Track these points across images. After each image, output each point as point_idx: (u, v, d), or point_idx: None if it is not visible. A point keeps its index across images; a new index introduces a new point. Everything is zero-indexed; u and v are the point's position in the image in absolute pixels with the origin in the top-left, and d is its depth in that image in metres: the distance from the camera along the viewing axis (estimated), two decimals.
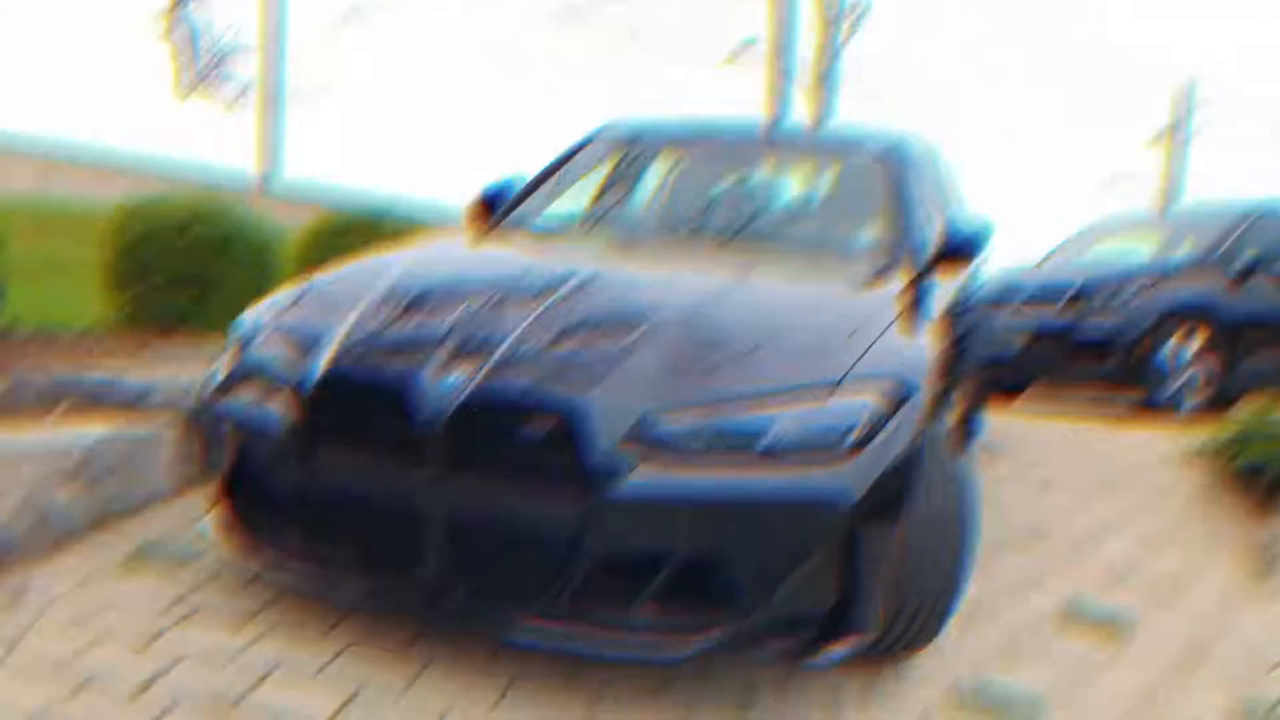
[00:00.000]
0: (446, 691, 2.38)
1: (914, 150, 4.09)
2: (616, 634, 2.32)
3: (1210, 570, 4.04)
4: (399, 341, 2.53)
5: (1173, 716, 2.75)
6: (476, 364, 2.38)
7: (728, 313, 2.62)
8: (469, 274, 2.93)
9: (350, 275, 3.02)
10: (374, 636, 2.62)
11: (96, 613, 2.58)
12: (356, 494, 2.44)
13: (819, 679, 2.68)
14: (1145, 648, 3.22)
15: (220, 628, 2.58)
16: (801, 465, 2.29)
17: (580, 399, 2.29)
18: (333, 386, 2.47)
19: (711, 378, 2.38)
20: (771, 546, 2.27)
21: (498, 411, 2.32)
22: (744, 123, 4.29)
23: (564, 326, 2.52)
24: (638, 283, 2.91)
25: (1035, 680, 2.86)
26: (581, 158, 4.20)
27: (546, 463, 2.29)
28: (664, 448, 2.27)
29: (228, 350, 2.85)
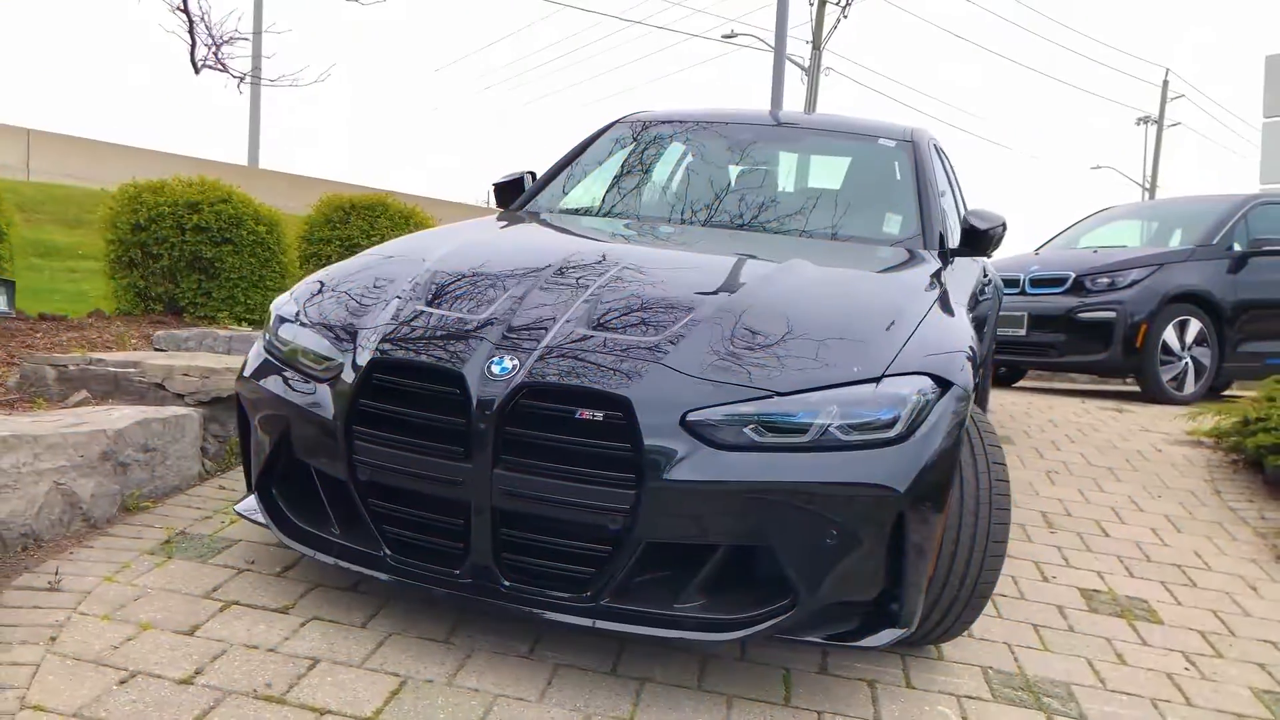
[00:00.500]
0: (493, 681, 2.38)
1: (929, 142, 4.10)
2: (667, 619, 2.33)
3: (1230, 556, 4.07)
4: (445, 327, 2.51)
5: (1203, 701, 2.77)
6: (526, 351, 2.37)
7: (769, 301, 2.62)
8: (508, 260, 2.90)
9: (387, 259, 2.99)
10: (413, 626, 2.61)
11: (133, 604, 2.56)
12: (402, 479, 2.42)
13: (855, 667, 2.69)
14: (1169, 632, 3.25)
15: (259, 619, 2.56)
16: (851, 453, 2.30)
17: (632, 387, 2.28)
18: (380, 372, 2.45)
19: (759, 367, 2.38)
20: (821, 534, 2.28)
21: (549, 399, 2.31)
22: (760, 113, 4.28)
23: (609, 314, 2.51)
24: (676, 270, 2.90)
25: (1065, 665, 2.88)
26: (600, 147, 4.20)
27: (598, 450, 2.29)
28: (714, 436, 2.27)
29: (267, 334, 2.83)
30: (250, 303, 6.17)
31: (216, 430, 3.74)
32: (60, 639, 2.34)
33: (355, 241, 7.10)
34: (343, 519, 2.61)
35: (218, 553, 2.96)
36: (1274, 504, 4.69)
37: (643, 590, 2.37)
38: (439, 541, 2.44)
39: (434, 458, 2.37)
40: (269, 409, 2.70)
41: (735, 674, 2.57)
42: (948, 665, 2.79)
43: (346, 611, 2.66)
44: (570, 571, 2.36)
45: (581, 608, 2.34)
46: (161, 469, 3.34)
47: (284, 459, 2.68)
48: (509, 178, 4.09)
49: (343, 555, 2.55)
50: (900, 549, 2.34)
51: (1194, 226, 8.34)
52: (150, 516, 3.19)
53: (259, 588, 2.75)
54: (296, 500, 2.72)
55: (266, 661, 2.35)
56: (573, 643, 2.61)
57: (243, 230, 6.11)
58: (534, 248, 3.15)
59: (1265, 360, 7.92)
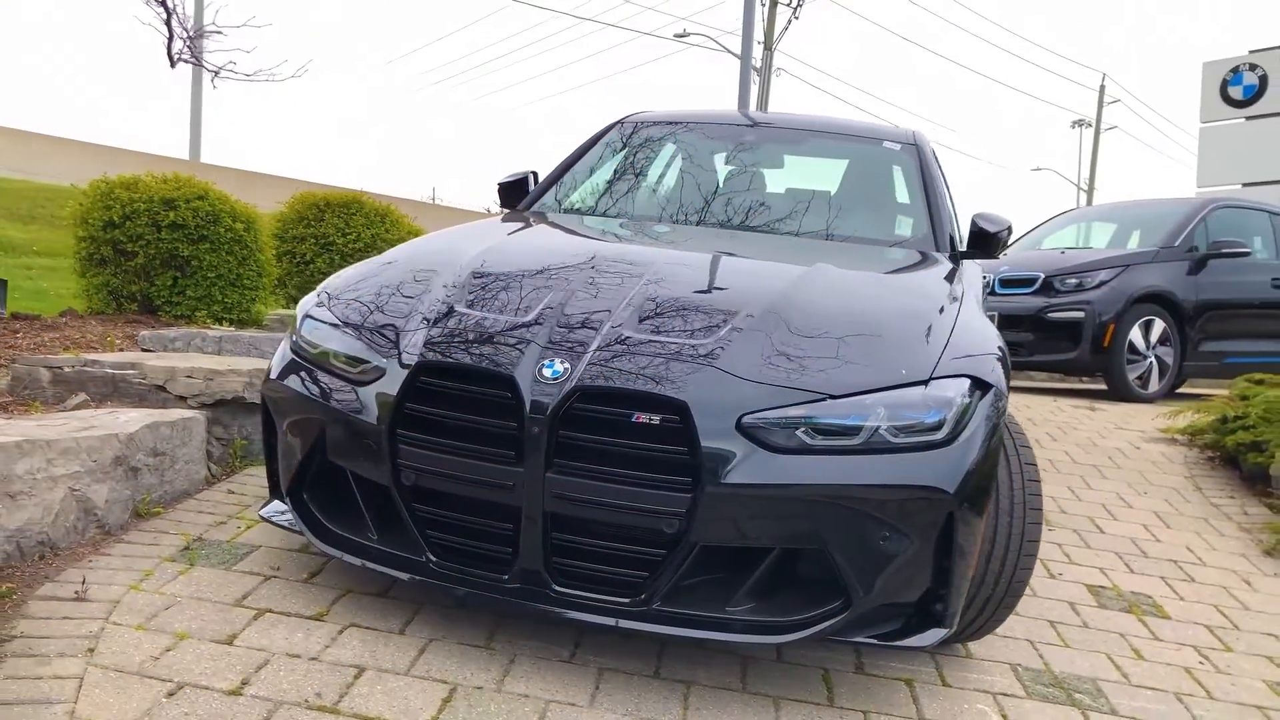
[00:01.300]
0: (541, 686, 2.36)
1: (929, 145, 4.15)
2: (719, 622, 2.33)
3: (1220, 550, 4.18)
4: (491, 330, 2.48)
5: (1222, 695, 2.84)
6: (575, 354, 2.36)
7: (808, 304, 2.63)
8: (542, 262, 2.88)
9: (415, 261, 2.95)
10: (451, 631, 2.58)
11: (164, 613, 2.50)
12: (449, 484, 2.39)
13: (890, 666, 2.72)
14: (1178, 626, 3.33)
15: (295, 627, 2.51)
16: (902, 455, 2.32)
17: (688, 391, 2.27)
18: (427, 375, 2.41)
19: (809, 370, 2.38)
20: (875, 536, 2.29)
21: (603, 402, 2.30)
22: (762, 115, 4.30)
23: (654, 316, 2.51)
24: (712, 273, 2.90)
25: (1088, 661, 2.94)
26: (603, 147, 4.18)
27: (654, 454, 2.28)
28: (768, 439, 2.28)
29: (294, 335, 2.77)
30: (228, 301, 6.04)
31: (220, 433, 3.66)
32: (99, 650, 2.28)
33: (331, 239, 7.00)
34: (380, 524, 2.57)
35: (240, 559, 2.89)
36: (1253, 499, 4.82)
37: (692, 593, 2.36)
38: (486, 546, 2.42)
39: (484, 462, 2.35)
40: (300, 412, 2.65)
41: (776, 675, 2.58)
42: (978, 663, 2.82)
43: (382, 617, 2.62)
44: (623, 575, 2.35)
45: (634, 611, 2.33)
46: (170, 473, 3.27)
47: (317, 463, 2.63)
48: (513, 177, 4.06)
49: (381, 560, 2.51)
50: (947, 549, 2.37)
51: (1154, 229, 8.54)
52: (163, 522, 3.12)
53: (289, 595, 2.69)
54: (327, 505, 2.68)
55: (312, 671, 2.31)
56: (613, 646, 2.60)
57: (220, 227, 5.97)
58: (565, 249, 3.12)
59: (1223, 359, 8.14)
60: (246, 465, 3.74)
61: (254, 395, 3.69)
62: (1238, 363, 8.16)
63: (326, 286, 2.90)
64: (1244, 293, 8.22)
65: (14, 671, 2.14)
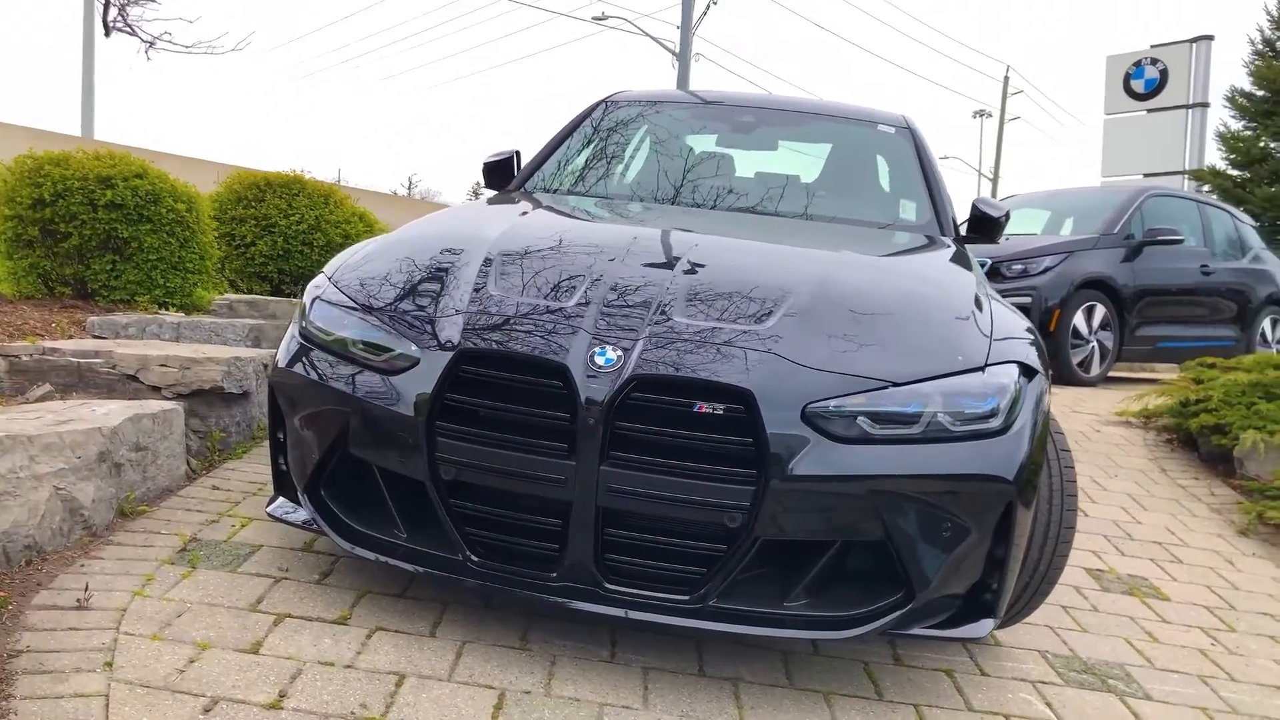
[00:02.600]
0: (590, 689, 2.25)
1: (920, 129, 4.12)
2: (776, 618, 2.25)
3: (1198, 531, 4.26)
4: (534, 316, 2.35)
5: (1242, 676, 2.88)
6: (628, 340, 2.24)
7: (851, 290, 2.55)
8: (571, 244, 2.75)
9: (431, 240, 2.79)
10: (483, 633, 2.46)
11: (178, 621, 2.32)
12: (493, 478, 2.26)
13: (926, 657, 2.68)
14: (1180, 608, 3.37)
15: (320, 632, 2.35)
16: (963, 444, 2.27)
17: (752, 379, 2.18)
18: (470, 364, 2.27)
19: (867, 357, 2.31)
20: (938, 527, 2.24)
21: (663, 392, 2.19)
22: (751, 95, 4.21)
23: (701, 301, 2.40)
24: (747, 257, 2.80)
25: (1109, 646, 2.94)
26: (592, 128, 4.05)
27: (717, 445, 2.18)
28: (830, 429, 2.20)
29: (304, 322, 2.59)
30: (170, 286, 5.72)
31: (197, 425, 3.44)
32: (118, 664, 2.09)
33: (273, 220, 6.71)
34: (409, 521, 2.42)
35: (244, 560, 2.71)
36: (1217, 480, 4.95)
37: (747, 589, 2.28)
38: (530, 543, 2.29)
39: (532, 455, 2.22)
40: (318, 404, 2.48)
41: (819, 670, 2.51)
42: (1009, 651, 2.81)
43: (409, 619, 2.48)
44: (679, 572, 2.25)
45: (690, 609, 2.23)
46: (153, 469, 3.05)
47: (338, 458, 2.47)
48: (498, 157, 3.90)
49: (413, 559, 2.36)
50: (1003, 539, 2.33)
51: (1087, 217, 8.73)
52: (150, 522, 2.91)
53: (305, 597, 2.53)
54: (346, 501, 2.52)
55: (350, 680, 2.16)
56: (651, 644, 2.50)
57: (161, 208, 5.64)
58: (590, 233, 2.99)
59: (1157, 344, 8.38)
60: (226, 459, 3.53)
61: (234, 385, 3.48)
62: (1170, 347, 8.42)
63: (336, 268, 2.72)
64: (1176, 279, 8.47)
65: (31, 690, 1.94)
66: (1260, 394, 5.05)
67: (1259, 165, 23.19)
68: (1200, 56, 20.62)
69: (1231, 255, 9.22)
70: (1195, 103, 20.70)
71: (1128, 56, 21.94)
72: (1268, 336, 9.34)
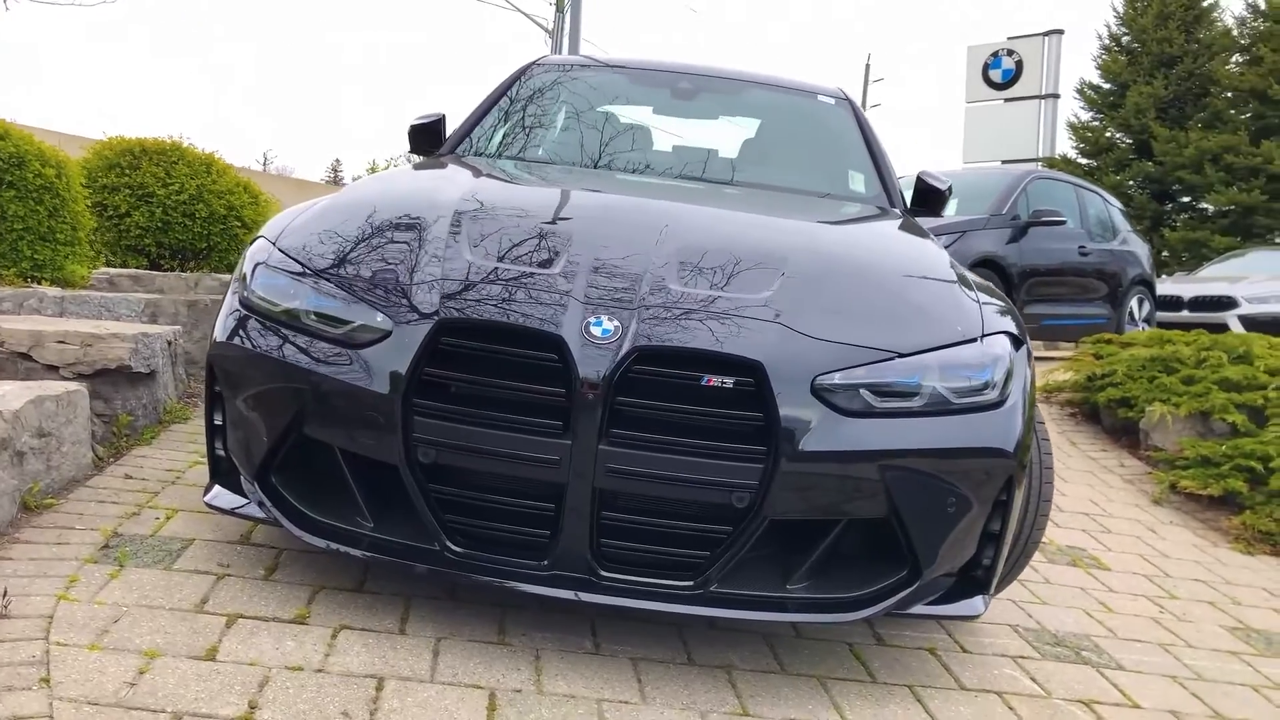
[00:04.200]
0: (583, 684, 2.09)
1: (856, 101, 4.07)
2: (778, 602, 2.14)
3: (1117, 501, 4.37)
4: (519, 282, 2.15)
5: (1197, 641, 2.93)
6: (625, 310, 2.08)
7: (840, 260, 2.45)
8: (542, 209, 2.56)
9: (385, 200, 2.55)
10: (457, 628, 2.27)
11: (115, 627, 2.05)
12: (477, 460, 2.07)
13: (905, 635, 2.62)
14: (1122, 577, 3.43)
15: (280, 633, 2.12)
16: (965, 416, 2.20)
17: (762, 350, 2.05)
18: (451, 335, 2.07)
19: (870, 328, 2.21)
20: (943, 502, 2.17)
21: (667, 364, 2.04)
22: (687, 63, 4.06)
23: (694, 269, 2.26)
24: (731, 225, 2.65)
25: (1070, 617, 2.96)
26: (522, 91, 3.84)
27: (724, 421, 2.05)
28: (836, 402, 2.10)
29: (245, 291, 2.33)
30: (38, 258, 5.22)
31: (101, 409, 3.11)
32: (56, 680, 1.82)
33: (150, 190, 6.22)
34: (376, 509, 2.21)
35: (176, 556, 2.44)
36: (1125, 452, 5.10)
37: (747, 572, 2.16)
38: (519, 530, 2.12)
39: (523, 434, 2.04)
40: (267, 381, 2.24)
41: (806, 653, 2.42)
42: (981, 626, 2.78)
43: (373, 615, 2.27)
44: (680, 556, 2.12)
45: (692, 595, 2.10)
46: (57, 457, 2.73)
47: (292, 441, 2.23)
48: (425, 120, 3.65)
49: (382, 550, 2.16)
50: (1001, 512, 2.28)
51: (972, 198, 8.91)
52: (60, 516, 2.59)
53: (255, 595, 2.29)
54: (298, 488, 2.28)
55: (325, 685, 1.95)
56: (633, 633, 2.36)
57: (27, 172, 5.14)
58: (557, 197, 2.80)
59: (1041, 321, 8.64)
60: (134, 445, 3.20)
61: (141, 364, 3.15)
62: (1053, 324, 8.70)
63: (278, 231, 2.46)
64: (1058, 259, 8.75)
65: None
66: (1160, 368, 5.23)
67: (1105, 154, 24.48)
68: (1052, 50, 21.53)
69: (1104, 237, 9.60)
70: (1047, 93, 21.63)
71: (986, 47, 22.75)
72: (1135, 315, 9.77)
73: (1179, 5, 23.48)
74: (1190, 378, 4.97)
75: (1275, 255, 13.37)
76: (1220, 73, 22.35)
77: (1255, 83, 21.21)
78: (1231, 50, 22.89)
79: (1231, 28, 23.18)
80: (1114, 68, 24.65)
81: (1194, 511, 4.32)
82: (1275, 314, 10.39)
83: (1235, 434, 4.50)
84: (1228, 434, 4.58)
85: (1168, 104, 23.23)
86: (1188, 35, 23.53)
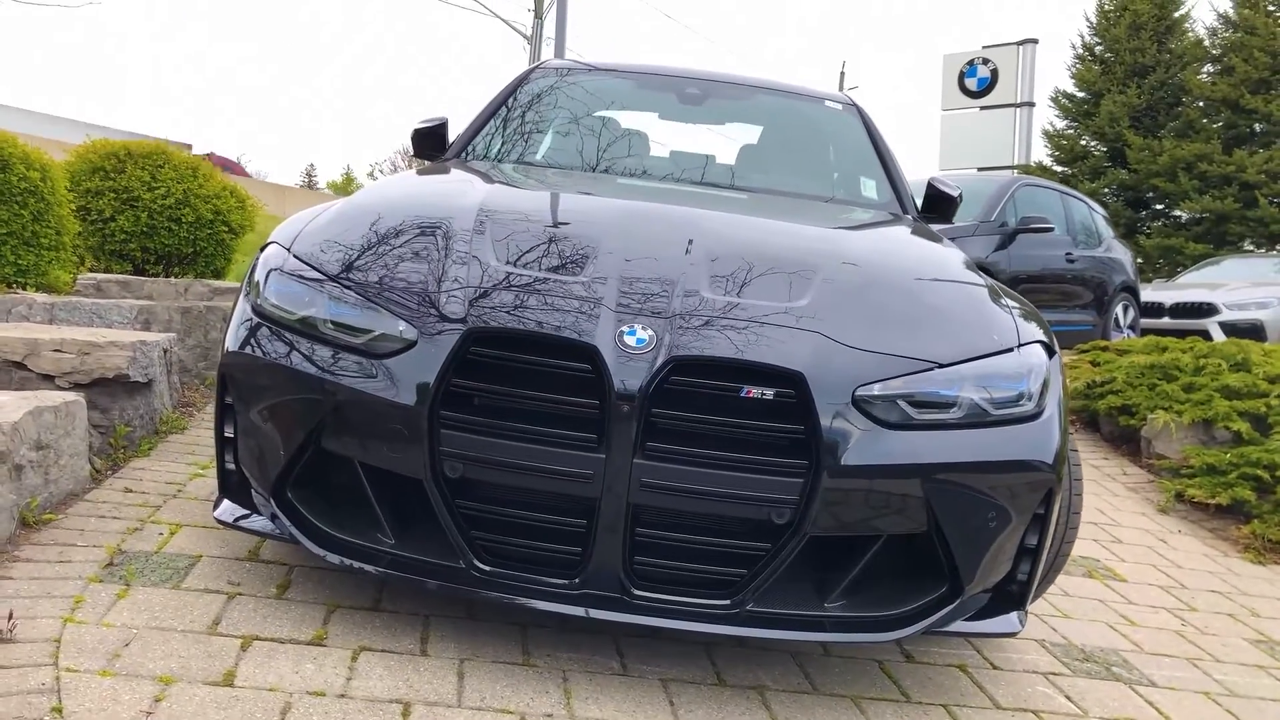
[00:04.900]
0: (614, 708, 2.01)
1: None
2: (815, 621, 2.07)
3: (1124, 511, 4.34)
4: (549, 290, 2.07)
5: (1224, 656, 2.89)
6: (658, 319, 2.01)
7: (872, 268, 2.39)
8: (563, 215, 2.48)
9: (402, 205, 2.47)
10: (479, 648, 2.18)
11: (126, 651, 1.95)
12: (507, 475, 1.99)
13: (934, 652, 2.56)
14: (1139, 589, 3.39)
15: (299, 656, 2.03)
16: (1004, 428, 2.14)
17: (802, 360, 1.99)
18: (481, 344, 1.99)
19: (908, 338, 2.15)
20: (985, 516, 2.11)
21: (705, 375, 1.97)
22: (696, 69, 4.00)
23: (728, 277, 2.18)
24: (754, 232, 2.59)
25: (1095, 632, 2.91)
26: (526, 95, 3.77)
27: (764, 434, 1.98)
28: (876, 414, 2.03)
29: (258, 297, 2.24)
30: (22, 264, 5.10)
31: (98, 420, 3.00)
32: (70, 710, 1.72)
33: (136, 194, 6.09)
34: (397, 525, 2.12)
35: (185, 574, 2.34)
36: (1127, 460, 5.07)
37: (781, 590, 2.09)
38: (548, 547, 2.04)
39: (555, 448, 1.96)
40: (284, 393, 2.15)
41: (837, 672, 2.35)
42: (1007, 642, 2.72)
43: (393, 636, 2.18)
44: (716, 574, 2.05)
45: (726, 615, 2.03)
46: (55, 470, 2.62)
47: (310, 455, 2.14)
48: (428, 124, 3.56)
49: (405, 568, 2.07)
50: (1040, 526, 2.22)
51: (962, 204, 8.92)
52: (61, 532, 2.48)
53: (269, 615, 2.19)
54: (314, 504, 2.19)
55: (350, 712, 1.86)
56: (661, 653, 2.29)
57: (11, 175, 5.02)
58: (579, 203, 2.71)
59: None
60: (132, 457, 3.09)
61: (139, 373, 3.05)
62: None
63: (292, 237, 2.36)
64: (1046, 266, 8.76)
65: None
66: (1159, 375, 5.21)
67: (1081, 162, 24.65)
68: (1026, 59, 21.64)
69: (1090, 244, 9.62)
70: (1022, 101, 21.74)
71: (961, 56, 22.84)
72: (1120, 322, 9.80)
73: (1151, 16, 23.67)
74: (1191, 385, 4.95)
75: (1251, 263, 13.51)
76: (1192, 82, 22.56)
77: (1227, 92, 21.41)
78: (1203, 60, 23.11)
79: (1203, 38, 23.39)
80: (1088, 77, 24.82)
81: (1201, 520, 4.29)
82: (1254, 320, 10.46)
83: (1239, 442, 4.48)
84: (1230, 442, 4.56)
85: (1141, 113, 23.42)
86: (1160, 45, 23.73)
